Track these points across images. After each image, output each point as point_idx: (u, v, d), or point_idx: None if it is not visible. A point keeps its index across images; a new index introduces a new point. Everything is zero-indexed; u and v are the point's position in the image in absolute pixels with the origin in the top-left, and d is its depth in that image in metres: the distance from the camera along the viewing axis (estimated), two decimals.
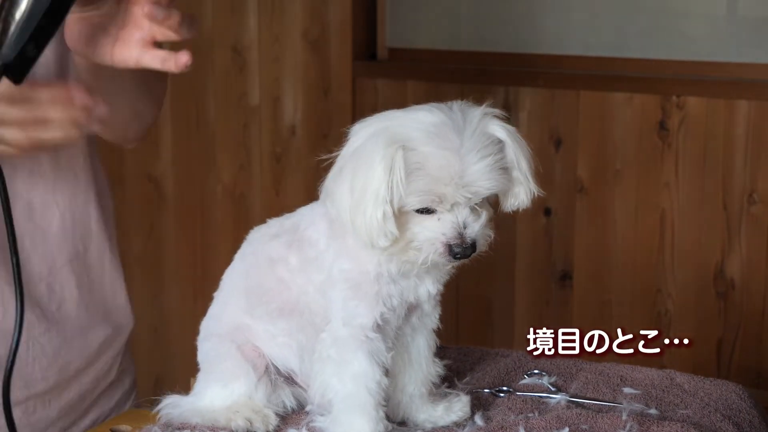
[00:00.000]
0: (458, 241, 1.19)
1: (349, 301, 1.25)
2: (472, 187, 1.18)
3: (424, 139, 1.16)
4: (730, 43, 2.98)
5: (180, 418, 1.33)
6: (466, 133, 1.17)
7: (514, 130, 1.22)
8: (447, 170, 1.16)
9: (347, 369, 1.24)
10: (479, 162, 1.17)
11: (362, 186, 1.17)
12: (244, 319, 1.34)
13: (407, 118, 1.19)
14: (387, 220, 1.17)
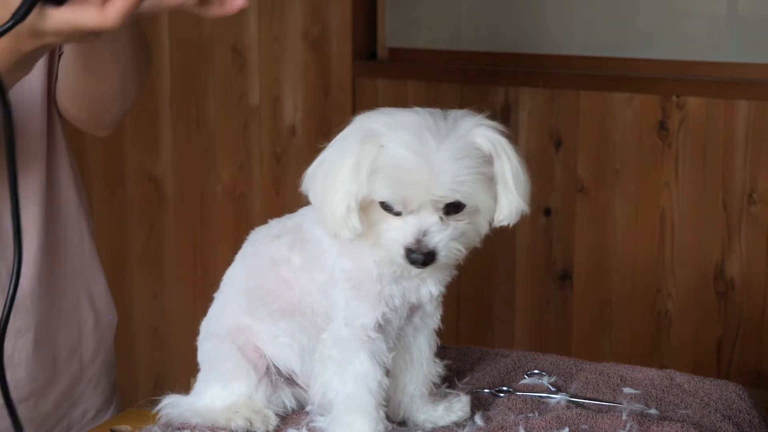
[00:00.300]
0: (415, 247, 1.19)
1: (351, 301, 1.25)
2: (437, 192, 1.17)
3: (398, 139, 1.17)
4: (730, 43, 2.98)
5: (180, 418, 1.33)
6: (447, 140, 1.16)
7: (505, 143, 1.21)
8: (414, 173, 1.16)
9: (349, 369, 1.24)
10: (450, 169, 1.16)
11: (331, 177, 1.18)
12: (245, 319, 1.34)
13: (392, 116, 1.19)
14: (350, 213, 1.18)
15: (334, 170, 1.18)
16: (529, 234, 3.06)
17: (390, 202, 1.18)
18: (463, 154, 1.17)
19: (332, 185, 1.18)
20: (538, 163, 3.04)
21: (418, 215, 1.18)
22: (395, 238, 1.19)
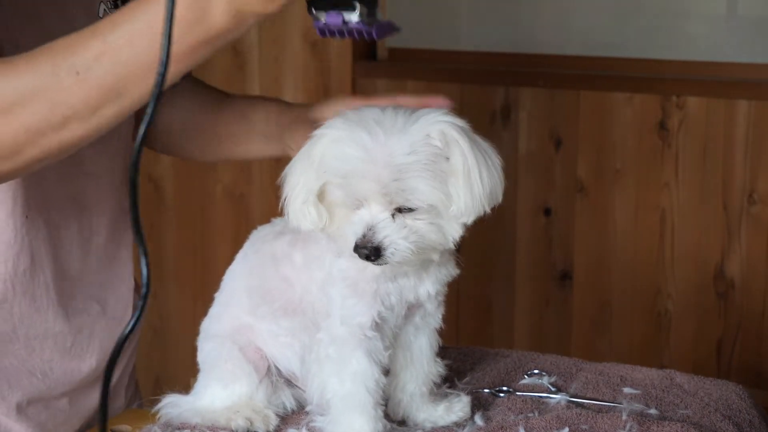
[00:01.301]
0: (361, 242, 1.19)
1: (348, 300, 1.25)
2: (381, 190, 1.17)
3: (350, 134, 1.18)
4: (730, 43, 2.98)
5: (180, 418, 1.33)
6: (398, 135, 1.16)
7: (461, 138, 1.18)
8: (361, 167, 1.17)
9: (346, 368, 1.24)
10: (394, 163, 1.16)
11: (291, 170, 1.23)
12: (246, 319, 1.34)
13: (359, 113, 1.20)
14: (307, 205, 1.20)
15: (293, 163, 1.23)
16: (529, 234, 3.06)
17: (340, 196, 1.19)
18: (411, 150, 1.16)
19: (291, 177, 1.22)
20: (538, 163, 3.04)
21: (369, 210, 1.19)
22: (348, 232, 1.20)
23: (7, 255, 1.35)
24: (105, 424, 0.96)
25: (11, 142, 1.08)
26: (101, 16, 1.39)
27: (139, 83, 1.07)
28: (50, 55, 1.08)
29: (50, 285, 1.39)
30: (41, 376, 1.42)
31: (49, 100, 1.07)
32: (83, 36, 1.08)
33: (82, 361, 1.45)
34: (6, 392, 1.38)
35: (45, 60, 1.07)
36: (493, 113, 3.10)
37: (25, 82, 1.07)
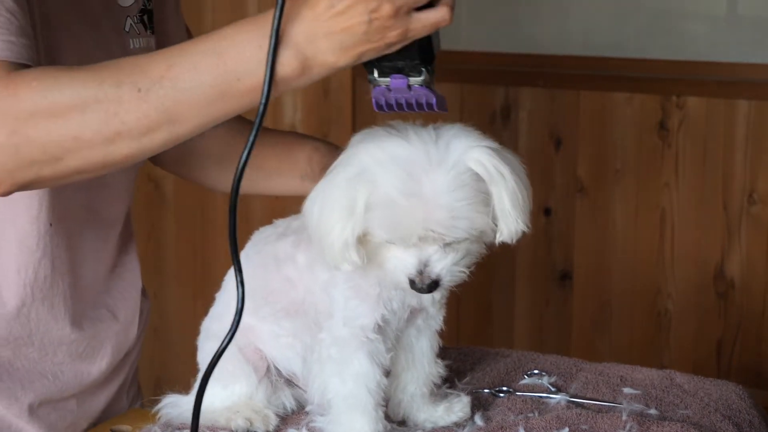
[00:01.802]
0: (418, 279, 1.18)
1: (350, 301, 1.24)
2: (434, 229, 1.15)
3: (392, 177, 1.14)
4: (730, 43, 2.99)
5: (180, 418, 1.33)
6: (439, 171, 1.14)
7: (500, 164, 1.18)
8: (410, 212, 1.14)
9: (348, 369, 1.24)
10: (444, 205, 1.14)
11: (328, 212, 1.17)
12: (247, 319, 1.34)
13: (383, 149, 1.16)
14: (348, 248, 1.16)
15: (329, 207, 1.17)
16: (529, 234, 3.05)
17: (391, 239, 1.18)
18: (456, 185, 1.14)
19: (328, 221, 1.17)
20: (538, 163, 3.04)
21: (419, 245, 1.17)
22: (397, 268, 1.19)
23: (29, 261, 1.35)
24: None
25: (57, 148, 1.08)
26: (127, 30, 1.39)
27: (195, 113, 1.08)
28: (116, 69, 1.09)
29: (67, 293, 1.40)
30: (52, 378, 1.42)
31: (105, 111, 1.07)
32: (152, 56, 1.10)
33: (93, 364, 1.46)
34: (19, 393, 1.39)
35: (110, 73, 1.08)
36: (493, 113, 3.10)
37: (86, 89, 1.07)
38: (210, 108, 1.08)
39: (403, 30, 1.08)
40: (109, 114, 1.07)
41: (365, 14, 1.05)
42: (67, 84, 1.07)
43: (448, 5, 1.12)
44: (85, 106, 1.07)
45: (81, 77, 1.08)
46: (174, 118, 1.08)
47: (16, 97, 1.07)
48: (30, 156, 1.08)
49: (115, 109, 1.07)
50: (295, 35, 1.07)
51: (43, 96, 1.07)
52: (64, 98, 1.07)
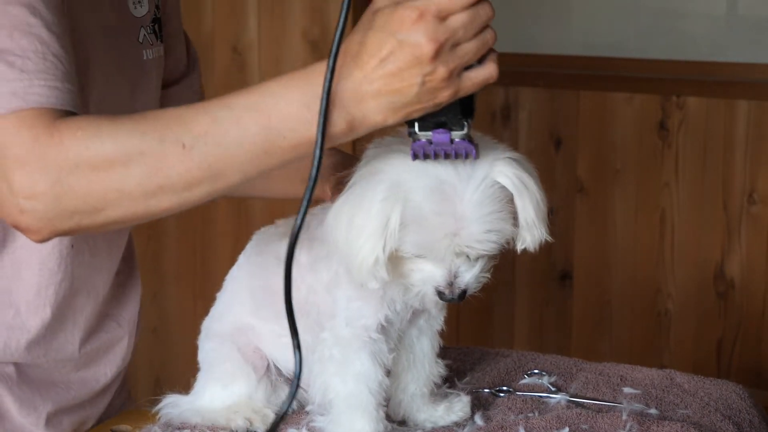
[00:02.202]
0: (448, 290, 1.19)
1: (354, 302, 1.24)
2: (467, 244, 1.16)
3: (425, 195, 1.14)
4: (730, 43, 2.99)
5: (180, 418, 1.33)
6: (470, 188, 1.14)
7: (526, 178, 1.18)
8: (443, 229, 1.15)
9: (350, 368, 1.24)
10: (476, 219, 1.15)
11: (359, 229, 1.16)
12: (248, 319, 1.34)
13: (412, 164, 1.15)
14: (378, 264, 1.16)
15: (360, 225, 1.16)
16: None
17: (421, 253, 1.17)
18: (486, 199, 1.15)
19: (358, 238, 1.16)
20: (538, 163, 3.02)
21: (450, 260, 1.18)
22: (425, 280, 1.19)
23: (49, 282, 1.35)
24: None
25: (99, 199, 1.08)
26: (141, 41, 1.38)
27: (237, 169, 1.08)
28: (160, 122, 1.08)
29: (85, 309, 1.42)
30: (64, 387, 1.44)
31: (149, 166, 1.06)
32: (195, 110, 1.09)
33: (99, 372, 1.49)
34: (38, 403, 1.40)
35: (154, 126, 1.07)
36: (493, 113, 3.10)
37: (132, 143, 1.06)
38: (253, 164, 1.08)
39: (454, 90, 1.07)
40: (153, 168, 1.07)
41: (419, 77, 1.04)
42: (111, 136, 1.07)
43: (494, 61, 1.09)
44: (129, 159, 1.06)
45: (125, 129, 1.07)
46: (217, 174, 1.08)
47: (62, 147, 1.06)
48: (72, 206, 1.08)
49: (159, 164, 1.06)
50: (343, 94, 1.05)
51: (87, 147, 1.06)
52: (107, 151, 1.06)
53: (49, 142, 1.06)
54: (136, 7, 1.37)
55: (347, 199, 1.18)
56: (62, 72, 1.11)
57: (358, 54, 1.05)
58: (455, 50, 1.05)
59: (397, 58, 1.04)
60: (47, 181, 1.06)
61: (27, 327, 1.36)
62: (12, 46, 1.09)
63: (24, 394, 1.38)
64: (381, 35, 1.04)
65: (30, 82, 1.08)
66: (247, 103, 1.09)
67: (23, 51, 1.09)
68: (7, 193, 1.08)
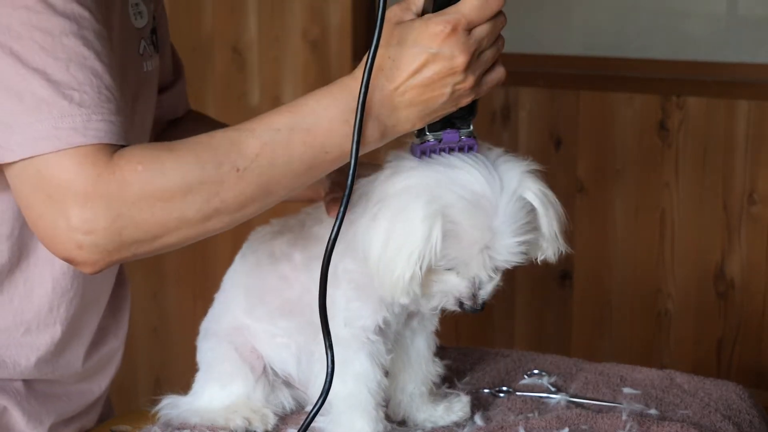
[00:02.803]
0: (471, 302, 1.21)
1: (352, 302, 1.24)
2: (500, 259, 1.19)
3: (462, 209, 1.16)
4: (730, 43, 2.98)
5: (179, 418, 1.33)
6: (503, 201, 1.17)
7: (551, 195, 1.22)
8: (478, 244, 1.17)
9: (349, 369, 1.24)
10: (509, 234, 1.17)
11: (397, 245, 1.16)
12: (244, 319, 1.34)
13: (449, 178, 1.17)
14: (414, 281, 1.17)
15: (398, 242, 1.16)
16: None
17: (452, 266, 1.18)
18: (518, 213, 1.18)
19: (397, 254, 1.16)
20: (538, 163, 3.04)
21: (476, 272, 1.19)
22: (448, 291, 1.20)
23: (61, 300, 1.36)
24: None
25: (159, 228, 1.10)
26: (141, 53, 1.38)
27: (286, 186, 1.13)
28: (213, 148, 1.11)
29: (89, 325, 1.44)
30: (66, 399, 1.45)
31: (208, 192, 1.10)
32: (244, 134, 1.13)
33: (95, 383, 1.50)
34: (44, 416, 1.41)
35: (209, 154, 1.10)
36: (493, 113, 3.10)
37: (191, 173, 1.10)
38: (299, 179, 1.14)
39: (475, 95, 1.16)
40: (211, 194, 1.10)
41: (450, 86, 1.13)
42: (172, 168, 1.09)
43: (501, 63, 1.19)
44: (189, 189, 1.09)
45: (184, 159, 1.10)
46: (267, 192, 1.13)
47: (124, 183, 1.08)
48: (132, 237, 1.10)
49: (217, 189, 1.10)
50: (376, 107, 1.12)
51: (150, 181, 1.09)
52: (169, 183, 1.09)
53: (110, 178, 1.08)
54: (137, 19, 1.37)
55: (381, 216, 1.18)
56: (115, 105, 1.12)
57: (391, 68, 1.11)
58: (480, 58, 1.14)
59: (430, 70, 1.11)
60: (110, 217, 1.08)
61: (37, 345, 1.36)
62: (69, 79, 1.09)
63: (31, 407, 1.39)
64: (414, 50, 1.11)
65: (89, 117, 1.09)
66: (291, 124, 1.13)
67: (80, 84, 1.09)
68: (64, 229, 1.08)
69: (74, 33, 1.10)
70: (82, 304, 1.38)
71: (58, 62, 1.09)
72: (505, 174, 1.19)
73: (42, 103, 1.08)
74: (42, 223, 1.09)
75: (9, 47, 1.08)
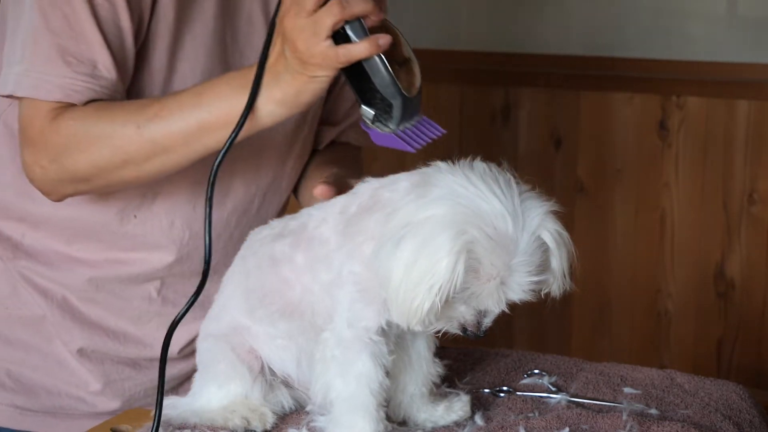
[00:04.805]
0: (474, 328, 1.22)
1: (356, 303, 1.24)
2: (510, 295, 1.21)
3: (486, 246, 1.16)
4: (730, 43, 2.99)
5: (179, 418, 1.33)
6: (522, 243, 1.17)
7: (566, 236, 1.22)
8: (495, 280, 1.18)
9: (351, 369, 1.24)
10: (525, 274, 1.19)
11: (420, 276, 1.16)
12: (243, 321, 1.34)
13: (477, 212, 1.17)
14: (431, 311, 1.17)
15: (421, 272, 1.16)
16: None
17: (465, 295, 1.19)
18: (535, 252, 1.19)
19: (419, 284, 1.16)
20: (538, 163, 3.04)
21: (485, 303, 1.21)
22: (454, 317, 1.21)
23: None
24: None
25: (83, 172, 1.36)
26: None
27: (182, 143, 1.33)
28: (126, 109, 1.35)
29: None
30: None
31: (113, 145, 1.34)
32: (154, 99, 1.37)
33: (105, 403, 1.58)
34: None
35: (122, 113, 1.35)
36: (493, 113, 3.10)
37: (103, 128, 1.35)
38: (192, 138, 1.32)
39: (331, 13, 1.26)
40: (116, 147, 1.34)
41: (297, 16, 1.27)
42: (92, 123, 1.35)
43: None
44: (99, 140, 1.35)
45: (103, 117, 1.35)
46: (165, 148, 1.33)
47: (58, 132, 1.35)
48: (68, 176, 1.37)
49: (120, 143, 1.34)
50: (265, 79, 1.29)
51: (74, 133, 1.35)
52: (86, 134, 1.35)
53: (50, 129, 1.35)
54: None
55: (406, 243, 1.17)
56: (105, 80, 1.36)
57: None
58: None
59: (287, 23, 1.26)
60: (48, 158, 1.36)
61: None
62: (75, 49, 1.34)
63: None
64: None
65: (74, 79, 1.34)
66: (190, 91, 1.34)
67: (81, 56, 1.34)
68: (24, 162, 1.38)
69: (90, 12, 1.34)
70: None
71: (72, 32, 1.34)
72: (528, 213, 1.19)
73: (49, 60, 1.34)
74: (21, 154, 1.39)
75: (44, 8, 1.33)
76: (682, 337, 3.02)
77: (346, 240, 1.24)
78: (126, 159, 1.34)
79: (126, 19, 1.36)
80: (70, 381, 1.53)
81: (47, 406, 1.53)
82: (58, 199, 1.40)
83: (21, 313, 1.52)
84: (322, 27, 1.22)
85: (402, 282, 1.16)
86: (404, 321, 1.19)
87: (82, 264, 1.50)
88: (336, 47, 1.23)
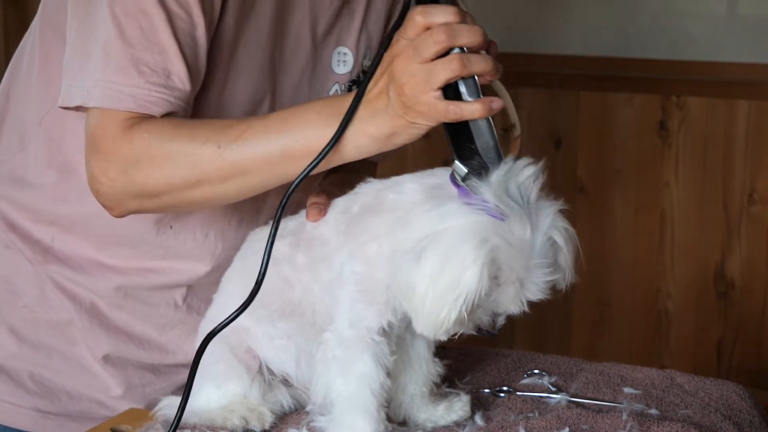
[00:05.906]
0: (489, 328, 1.24)
1: (357, 304, 1.24)
2: (527, 296, 1.23)
3: (506, 253, 1.17)
4: (730, 43, 2.99)
5: None
6: (537, 245, 1.19)
7: (571, 231, 1.24)
8: (514, 284, 1.20)
9: (352, 369, 1.24)
10: (541, 275, 1.20)
11: (445, 287, 1.16)
12: (243, 320, 1.34)
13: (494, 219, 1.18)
14: (458, 321, 1.18)
15: (446, 285, 1.16)
16: None
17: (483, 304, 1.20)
18: (548, 253, 1.20)
19: (444, 297, 1.16)
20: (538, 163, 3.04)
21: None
22: (471, 320, 1.21)
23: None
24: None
25: (153, 188, 1.30)
26: (330, 95, 1.49)
27: (262, 168, 1.27)
28: (207, 128, 1.29)
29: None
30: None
31: (190, 163, 1.28)
32: (239, 120, 1.31)
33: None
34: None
35: (202, 132, 1.29)
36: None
37: (181, 145, 1.29)
38: (273, 164, 1.26)
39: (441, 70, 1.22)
40: (193, 165, 1.28)
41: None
42: (168, 138, 1.29)
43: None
44: (176, 157, 1.29)
45: (180, 133, 1.29)
46: (244, 170, 1.27)
47: (131, 145, 1.29)
48: (135, 192, 1.31)
49: (198, 162, 1.28)
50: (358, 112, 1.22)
51: (149, 147, 1.29)
52: (162, 150, 1.28)
53: (123, 140, 1.29)
54: (339, 65, 1.51)
55: (428, 255, 1.17)
56: (178, 91, 1.31)
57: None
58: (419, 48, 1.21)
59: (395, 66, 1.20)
60: (118, 171, 1.30)
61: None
62: (148, 59, 1.29)
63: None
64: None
65: (149, 90, 1.29)
66: (278, 116, 1.28)
67: (154, 65, 1.29)
68: (90, 174, 1.32)
69: (167, 23, 1.29)
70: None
71: (147, 42, 1.29)
72: (541, 215, 1.21)
73: (122, 70, 1.28)
74: (87, 165, 1.33)
75: (119, 19, 1.28)
76: (682, 336, 3.02)
77: (348, 240, 1.24)
78: (201, 178, 1.28)
79: (202, 31, 1.32)
80: (91, 385, 1.53)
81: (68, 409, 1.52)
82: (119, 215, 1.35)
83: (48, 317, 1.50)
84: (437, 78, 1.17)
85: (427, 294, 1.16)
86: (430, 332, 1.19)
87: (112, 271, 1.49)
88: (446, 102, 1.18)
